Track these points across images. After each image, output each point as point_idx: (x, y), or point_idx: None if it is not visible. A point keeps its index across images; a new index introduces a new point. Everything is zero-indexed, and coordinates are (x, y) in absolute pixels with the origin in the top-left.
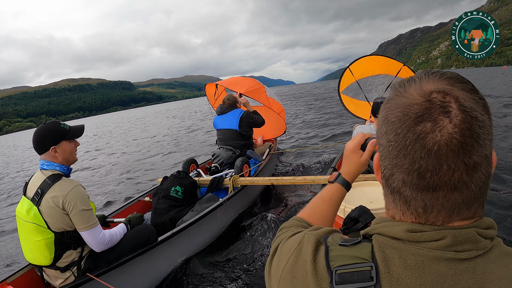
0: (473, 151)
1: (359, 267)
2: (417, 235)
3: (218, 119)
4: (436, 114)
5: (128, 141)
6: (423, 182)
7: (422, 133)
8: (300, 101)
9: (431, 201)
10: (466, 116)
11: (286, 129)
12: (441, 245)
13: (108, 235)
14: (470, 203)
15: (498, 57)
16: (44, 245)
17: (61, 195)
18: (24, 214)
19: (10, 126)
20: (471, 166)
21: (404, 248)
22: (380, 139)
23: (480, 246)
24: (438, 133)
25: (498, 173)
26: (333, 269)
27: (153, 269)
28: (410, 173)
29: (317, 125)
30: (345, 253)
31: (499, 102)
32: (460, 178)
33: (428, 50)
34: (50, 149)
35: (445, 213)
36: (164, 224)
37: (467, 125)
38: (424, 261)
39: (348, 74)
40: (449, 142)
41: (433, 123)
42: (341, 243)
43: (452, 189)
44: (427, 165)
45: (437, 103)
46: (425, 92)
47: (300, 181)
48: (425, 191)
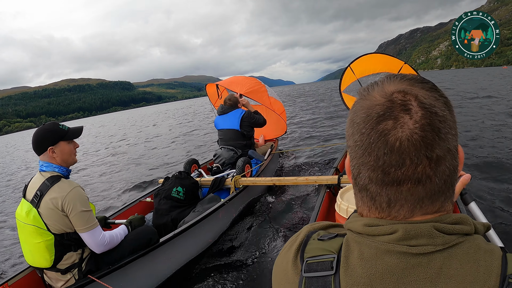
0: (435, 145)
1: (324, 258)
2: (372, 229)
3: (219, 119)
4: (397, 112)
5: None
6: (388, 177)
7: (385, 131)
8: (300, 101)
9: (394, 196)
10: (425, 112)
11: (287, 129)
12: (393, 239)
13: (108, 236)
14: (434, 197)
15: (498, 57)
16: (44, 247)
17: (60, 196)
18: (23, 217)
19: (9, 126)
20: (434, 159)
21: (362, 242)
22: (348, 141)
23: (437, 242)
24: (399, 130)
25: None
26: (305, 259)
27: (154, 271)
28: (375, 169)
29: (318, 124)
30: (318, 246)
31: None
32: (423, 172)
33: (428, 50)
34: (48, 149)
35: (408, 207)
36: (166, 225)
37: (427, 121)
38: (377, 253)
39: (349, 72)
40: (410, 137)
41: (394, 120)
42: (319, 238)
43: (416, 182)
44: (391, 160)
45: (397, 102)
46: (387, 93)
47: (303, 182)
48: (389, 186)
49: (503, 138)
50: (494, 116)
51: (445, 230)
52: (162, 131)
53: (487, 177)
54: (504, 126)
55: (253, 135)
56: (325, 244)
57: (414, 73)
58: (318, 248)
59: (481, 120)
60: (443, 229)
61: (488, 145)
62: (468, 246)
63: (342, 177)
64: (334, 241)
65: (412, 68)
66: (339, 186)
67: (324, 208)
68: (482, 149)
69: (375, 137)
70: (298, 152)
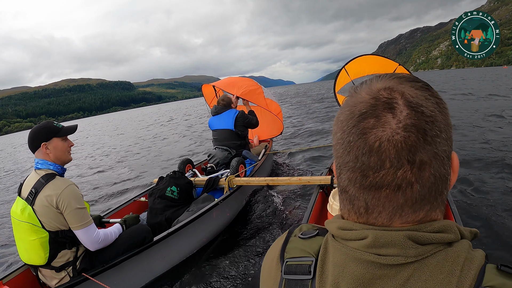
0: (419, 148)
1: (303, 261)
2: (344, 233)
3: (213, 119)
4: (380, 110)
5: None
6: (366, 180)
7: (365, 129)
8: (297, 101)
9: (372, 201)
10: (411, 111)
11: (283, 129)
12: (362, 245)
13: (103, 234)
14: (416, 205)
15: (498, 57)
16: (38, 244)
17: (55, 194)
18: (18, 214)
19: (9, 126)
20: (417, 164)
21: (336, 246)
22: (333, 140)
23: (409, 253)
24: (380, 129)
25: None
26: (285, 259)
27: (148, 269)
28: (354, 170)
29: (313, 125)
30: (298, 246)
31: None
32: (403, 177)
33: (428, 50)
34: (41, 146)
35: (386, 215)
36: (160, 224)
37: (412, 121)
38: (346, 260)
39: (344, 74)
40: (391, 138)
41: (376, 119)
42: (300, 236)
43: (395, 188)
44: (369, 162)
45: (382, 99)
46: (373, 90)
47: (296, 182)
48: (367, 190)
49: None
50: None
51: (420, 240)
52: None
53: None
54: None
55: (247, 135)
56: (305, 243)
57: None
58: (298, 249)
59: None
60: (418, 239)
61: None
62: (445, 256)
63: (335, 178)
64: (314, 241)
65: (407, 69)
66: (332, 187)
67: (316, 208)
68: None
69: (355, 135)
70: (291, 153)
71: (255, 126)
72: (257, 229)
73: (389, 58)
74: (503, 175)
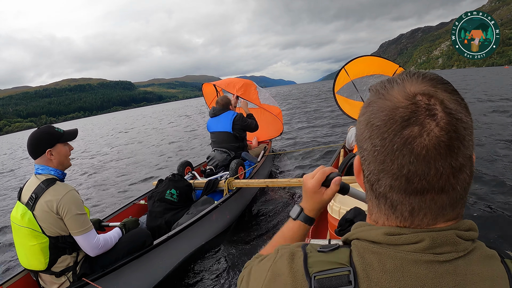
0: (459, 153)
1: (337, 272)
2: (395, 238)
3: (211, 121)
4: (423, 118)
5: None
6: (411, 186)
7: (410, 138)
8: (297, 102)
9: (418, 205)
10: (451, 118)
11: (283, 130)
12: (419, 248)
13: (103, 239)
14: (455, 204)
15: (500, 57)
16: (39, 249)
17: (55, 199)
18: (18, 219)
19: (10, 126)
20: (457, 168)
21: (383, 252)
22: (363, 144)
23: (459, 248)
24: (426, 137)
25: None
26: (311, 275)
27: (149, 273)
28: (398, 178)
29: (312, 126)
30: (323, 259)
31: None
32: (447, 181)
33: (429, 50)
34: (46, 152)
35: (431, 216)
36: (160, 227)
37: (453, 127)
38: (403, 264)
39: (343, 74)
40: (437, 146)
41: (420, 126)
42: (319, 250)
43: (440, 191)
44: (416, 169)
45: (422, 106)
46: (409, 94)
47: (296, 183)
48: (413, 195)
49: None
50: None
51: (464, 237)
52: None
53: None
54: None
55: (245, 137)
56: (329, 256)
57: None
58: (324, 262)
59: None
60: (462, 236)
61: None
62: (480, 252)
63: None
64: (340, 252)
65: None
66: None
67: None
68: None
69: (400, 143)
70: (291, 154)
71: (254, 129)
72: (257, 231)
73: (388, 59)
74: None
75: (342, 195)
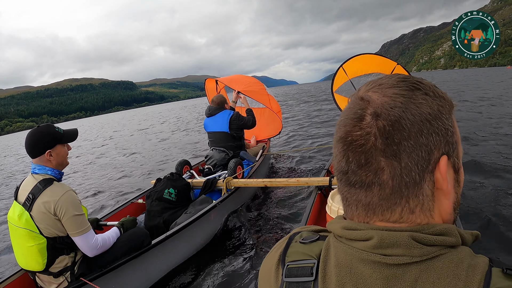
0: (377, 153)
1: (304, 263)
2: (349, 233)
3: (208, 121)
4: (352, 118)
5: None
6: (347, 178)
7: (347, 131)
8: (296, 102)
9: (348, 196)
10: (375, 119)
11: (281, 129)
12: (368, 246)
13: (101, 239)
14: (383, 204)
15: (502, 57)
16: (36, 250)
17: (53, 200)
18: (15, 220)
19: (11, 126)
20: (374, 168)
21: (339, 246)
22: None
23: (414, 253)
24: (358, 132)
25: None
26: (286, 263)
27: (147, 273)
28: (337, 170)
29: (311, 125)
30: (299, 250)
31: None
32: (367, 178)
33: (431, 50)
34: (45, 153)
35: (362, 212)
36: (158, 226)
37: (387, 123)
38: (352, 261)
39: (342, 73)
40: (357, 143)
41: (357, 121)
42: (301, 241)
43: (365, 187)
44: (341, 164)
45: (356, 107)
46: (356, 98)
47: (294, 183)
48: (347, 187)
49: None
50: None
51: (424, 241)
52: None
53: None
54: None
55: (243, 136)
56: (306, 247)
57: (406, 74)
58: (299, 252)
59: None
60: (422, 240)
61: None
62: (449, 259)
63: (333, 179)
64: (315, 245)
65: (404, 69)
66: (330, 188)
67: (315, 210)
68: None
69: (336, 140)
70: (289, 154)
71: (251, 127)
72: (255, 231)
73: (386, 57)
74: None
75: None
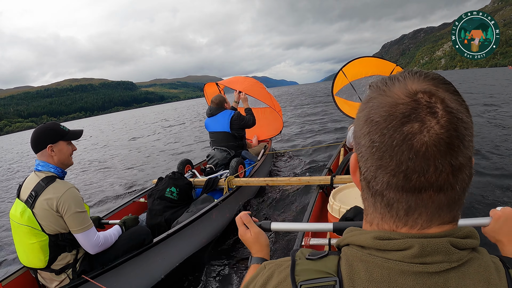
0: (459, 153)
1: (323, 282)
2: (384, 243)
3: (209, 121)
4: (423, 115)
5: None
6: (409, 183)
7: (410, 134)
8: (296, 102)
9: (415, 203)
10: (452, 117)
11: (283, 128)
12: (407, 256)
13: (103, 237)
14: (452, 205)
15: (503, 58)
16: (38, 247)
17: (55, 197)
18: (18, 217)
19: (10, 126)
20: (457, 167)
21: (371, 261)
22: (360, 140)
23: (453, 258)
24: (426, 134)
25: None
26: (298, 283)
27: (148, 271)
28: (396, 174)
29: (312, 125)
30: (310, 267)
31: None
32: (446, 179)
33: (432, 50)
34: (47, 147)
35: (426, 216)
36: (160, 225)
37: (453, 126)
38: (390, 275)
39: (341, 76)
40: (437, 143)
41: (421, 123)
42: (307, 257)
43: (438, 190)
44: (415, 166)
45: (423, 103)
46: (410, 91)
47: (296, 182)
48: (410, 193)
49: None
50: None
51: (459, 245)
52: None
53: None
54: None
55: (244, 135)
56: (317, 264)
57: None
58: (311, 270)
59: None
60: (457, 244)
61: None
62: (478, 263)
63: (335, 178)
64: (328, 260)
65: (403, 69)
66: (332, 187)
67: (316, 209)
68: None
69: (399, 140)
70: (291, 153)
71: (251, 126)
72: None
73: (385, 58)
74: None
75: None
